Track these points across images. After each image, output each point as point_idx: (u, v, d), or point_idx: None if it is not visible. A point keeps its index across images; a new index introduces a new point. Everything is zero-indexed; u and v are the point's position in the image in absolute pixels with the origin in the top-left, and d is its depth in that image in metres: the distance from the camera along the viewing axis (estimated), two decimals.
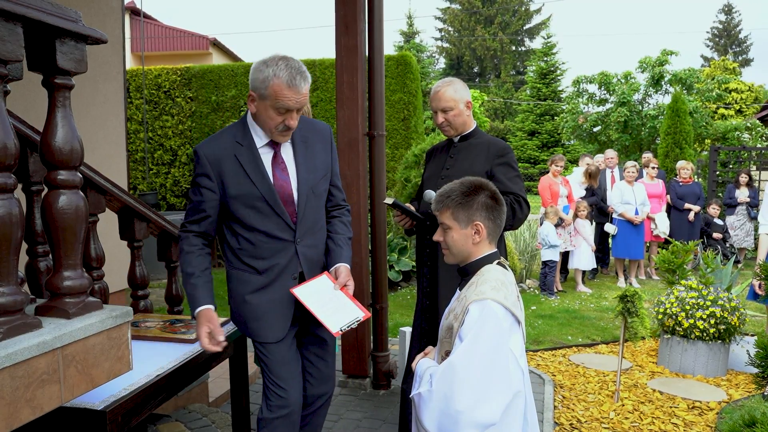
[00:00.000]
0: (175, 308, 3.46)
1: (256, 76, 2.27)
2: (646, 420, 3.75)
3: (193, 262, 2.36)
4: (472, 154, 2.99)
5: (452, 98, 2.96)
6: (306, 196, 2.39)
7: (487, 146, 2.98)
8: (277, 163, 2.37)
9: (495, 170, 2.90)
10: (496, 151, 2.94)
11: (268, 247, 2.35)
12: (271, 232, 2.34)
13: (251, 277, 2.38)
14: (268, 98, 2.24)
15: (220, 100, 9.75)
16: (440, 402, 1.76)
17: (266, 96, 2.24)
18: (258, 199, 2.31)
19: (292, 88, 2.21)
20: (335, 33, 3.88)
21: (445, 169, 3.02)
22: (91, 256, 2.90)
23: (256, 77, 2.27)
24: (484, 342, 1.77)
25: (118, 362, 1.78)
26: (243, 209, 2.33)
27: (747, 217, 9.59)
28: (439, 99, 2.98)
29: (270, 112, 2.27)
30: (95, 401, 1.88)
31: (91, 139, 4.81)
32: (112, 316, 1.73)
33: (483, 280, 1.90)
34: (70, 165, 1.66)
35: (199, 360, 2.44)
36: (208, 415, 3.32)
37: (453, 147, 3.07)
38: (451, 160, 3.04)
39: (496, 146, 2.98)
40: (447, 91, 2.97)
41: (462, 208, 1.97)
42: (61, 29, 1.57)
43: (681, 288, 4.78)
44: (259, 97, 2.28)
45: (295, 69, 2.24)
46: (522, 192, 2.93)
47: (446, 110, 2.97)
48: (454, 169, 2.95)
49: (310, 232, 2.43)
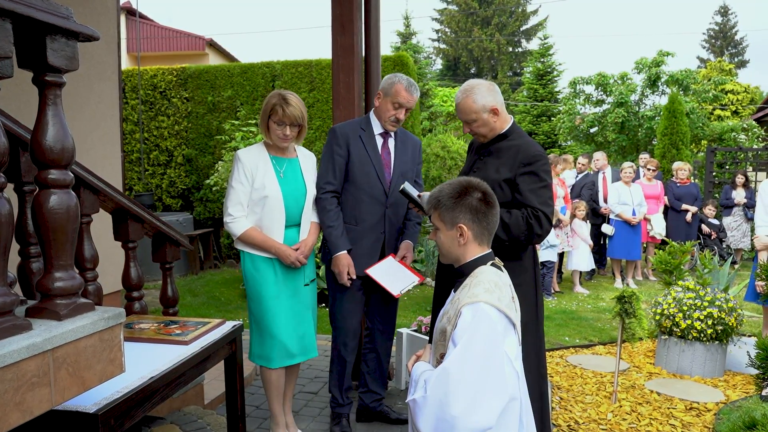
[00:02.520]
0: (170, 309, 3.43)
1: (385, 82, 3.31)
2: (643, 421, 3.74)
3: (332, 216, 3.24)
4: (500, 159, 2.81)
5: (472, 110, 2.78)
6: (397, 176, 3.35)
7: (517, 152, 2.76)
8: (385, 148, 3.39)
9: (519, 179, 2.73)
10: (523, 159, 2.74)
11: (366, 207, 3.31)
12: (372, 194, 3.31)
13: (349, 227, 3.30)
14: (390, 95, 3.26)
15: (216, 100, 9.72)
16: (435, 408, 1.74)
17: (389, 93, 3.27)
18: (369, 164, 3.30)
19: (408, 90, 3.26)
20: (332, 32, 3.86)
21: (473, 171, 2.89)
22: (84, 257, 2.87)
23: (385, 82, 3.31)
24: (478, 346, 1.75)
25: (110, 364, 1.75)
26: (358, 174, 3.30)
27: (744, 218, 9.60)
28: (459, 111, 2.85)
29: (388, 106, 3.28)
30: (88, 404, 1.85)
31: (85, 139, 4.78)
32: (104, 317, 1.70)
33: (476, 282, 1.88)
34: (62, 164, 1.63)
35: (194, 362, 2.42)
36: (204, 418, 3.29)
37: (483, 148, 2.92)
38: (480, 162, 2.89)
39: (526, 153, 2.75)
40: (466, 103, 2.79)
41: (447, 209, 1.97)
42: (52, 26, 1.55)
43: (678, 289, 4.77)
44: (384, 94, 3.30)
45: (412, 81, 3.28)
46: (544, 206, 2.70)
47: (469, 122, 2.83)
48: (480, 173, 2.78)
49: (395, 204, 3.37)
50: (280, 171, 3.15)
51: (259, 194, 3.06)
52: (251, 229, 3.07)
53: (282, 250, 3.08)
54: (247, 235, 3.07)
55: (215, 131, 9.70)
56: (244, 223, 3.07)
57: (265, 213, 3.08)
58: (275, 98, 3.08)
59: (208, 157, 9.87)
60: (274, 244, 3.08)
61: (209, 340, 2.58)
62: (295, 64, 9.62)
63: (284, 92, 3.10)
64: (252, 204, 3.09)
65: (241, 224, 3.07)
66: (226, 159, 8.28)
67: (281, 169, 3.16)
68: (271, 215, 3.09)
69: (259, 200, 3.07)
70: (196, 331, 2.61)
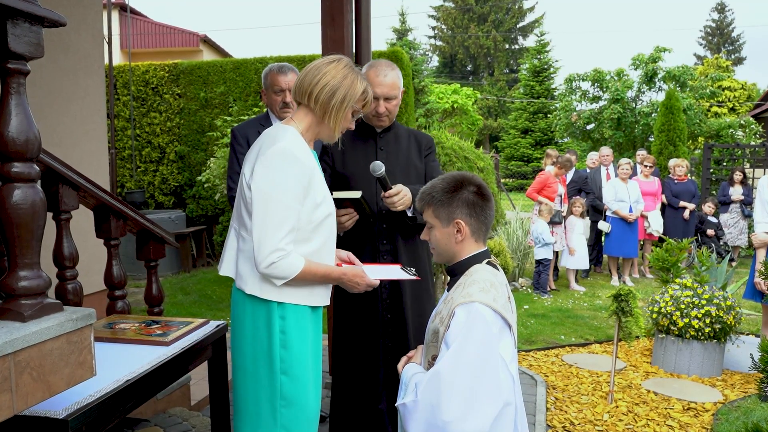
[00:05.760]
0: (155, 309, 3.34)
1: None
2: (640, 422, 3.66)
3: None
4: (401, 144, 2.79)
5: (397, 86, 2.69)
6: None
7: (416, 137, 2.84)
8: None
9: (427, 162, 2.81)
10: (426, 143, 2.84)
11: None
12: None
13: None
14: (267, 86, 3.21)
15: (208, 96, 9.61)
16: (426, 413, 1.66)
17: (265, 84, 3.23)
18: None
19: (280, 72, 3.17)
20: (321, 25, 3.77)
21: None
22: (63, 254, 2.78)
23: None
24: (472, 348, 1.67)
25: (79, 368, 1.66)
26: None
27: (741, 215, 9.53)
28: (386, 86, 2.63)
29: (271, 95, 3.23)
30: (57, 409, 1.76)
31: (71, 135, 4.68)
32: (72, 318, 1.62)
33: (471, 281, 1.79)
34: (26, 157, 1.55)
35: (175, 363, 2.33)
36: (189, 420, 3.20)
37: (382, 134, 2.80)
38: (382, 153, 2.77)
39: (425, 138, 2.86)
40: (396, 76, 2.66)
41: (442, 205, 1.87)
42: (13, 9, 1.46)
43: (676, 286, 4.69)
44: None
45: (282, 64, 3.22)
46: None
47: (390, 99, 2.66)
48: (392, 160, 2.72)
49: None
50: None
51: (322, 213, 2.08)
52: (308, 262, 2.03)
53: (351, 272, 2.15)
54: (307, 271, 2.02)
55: (208, 127, 9.59)
56: (297, 257, 2.01)
57: (326, 240, 2.13)
58: (358, 81, 2.12)
59: (200, 153, 9.76)
60: (339, 270, 2.14)
61: (191, 341, 2.49)
62: (288, 59, 9.52)
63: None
64: (306, 230, 2.05)
65: (296, 259, 2.01)
66: (219, 156, 8.18)
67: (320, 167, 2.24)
68: (329, 244, 2.15)
69: (321, 222, 2.09)
70: (178, 332, 2.53)
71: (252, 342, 2.10)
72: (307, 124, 2.13)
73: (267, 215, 1.97)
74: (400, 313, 2.74)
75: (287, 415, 2.07)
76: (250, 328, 2.10)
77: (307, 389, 2.09)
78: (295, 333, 2.06)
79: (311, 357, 2.12)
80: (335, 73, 2.09)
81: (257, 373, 2.10)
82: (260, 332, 2.08)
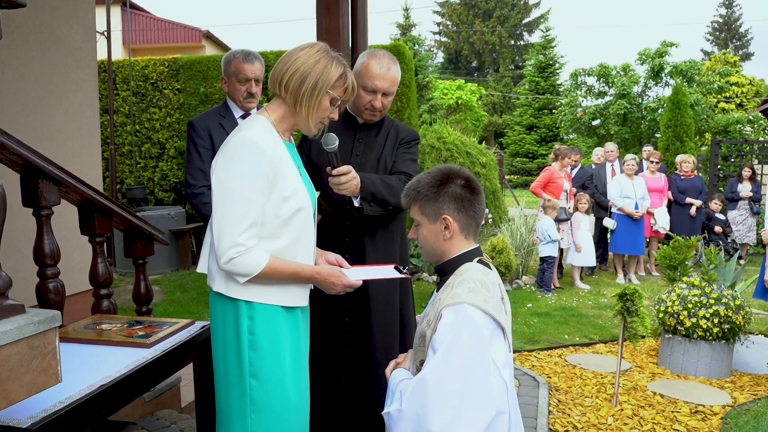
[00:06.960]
0: (143, 308, 3.23)
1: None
2: (646, 426, 3.53)
3: None
4: (379, 137, 2.65)
5: (398, 80, 2.58)
6: None
7: (396, 129, 2.68)
8: None
9: (398, 152, 2.64)
10: (404, 136, 2.68)
11: None
12: None
13: None
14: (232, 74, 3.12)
15: (208, 91, 9.50)
16: (412, 422, 1.54)
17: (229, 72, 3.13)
18: None
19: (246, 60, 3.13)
20: (316, 14, 3.65)
21: (356, 155, 2.62)
22: (44, 252, 2.66)
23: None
24: (460, 353, 1.55)
25: (42, 374, 1.55)
26: None
27: (749, 212, 9.37)
28: (387, 80, 2.51)
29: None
30: (21, 417, 1.65)
31: (62, 129, 4.58)
32: (33, 321, 1.51)
33: (460, 281, 1.66)
34: None
35: (155, 366, 2.22)
36: (177, 423, 3.10)
37: (370, 128, 2.66)
38: (362, 144, 2.64)
39: (406, 131, 2.70)
40: (397, 71, 2.55)
41: (429, 200, 1.76)
42: None
43: (683, 285, 4.56)
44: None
45: (248, 51, 3.14)
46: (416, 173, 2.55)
47: (388, 94, 2.56)
48: (365, 155, 2.61)
49: None
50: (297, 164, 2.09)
51: (290, 207, 1.92)
52: (273, 259, 1.88)
53: (326, 271, 2.00)
54: (271, 269, 1.87)
55: None
56: (261, 252, 1.87)
57: (297, 237, 1.97)
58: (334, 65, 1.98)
59: None
60: (311, 269, 1.99)
61: (174, 342, 2.38)
62: None
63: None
64: (273, 225, 1.91)
65: (259, 255, 1.86)
66: None
67: (298, 160, 2.11)
68: (303, 240, 2.00)
69: (290, 217, 1.93)
70: (161, 333, 2.42)
71: (222, 343, 1.97)
72: (280, 114, 2.00)
73: (226, 208, 1.84)
74: (362, 318, 2.55)
75: (258, 422, 1.92)
76: (221, 328, 1.98)
77: (283, 395, 1.93)
78: (264, 334, 1.91)
79: (289, 360, 1.95)
80: (306, 59, 1.94)
81: (228, 375, 1.97)
82: (229, 333, 1.95)
